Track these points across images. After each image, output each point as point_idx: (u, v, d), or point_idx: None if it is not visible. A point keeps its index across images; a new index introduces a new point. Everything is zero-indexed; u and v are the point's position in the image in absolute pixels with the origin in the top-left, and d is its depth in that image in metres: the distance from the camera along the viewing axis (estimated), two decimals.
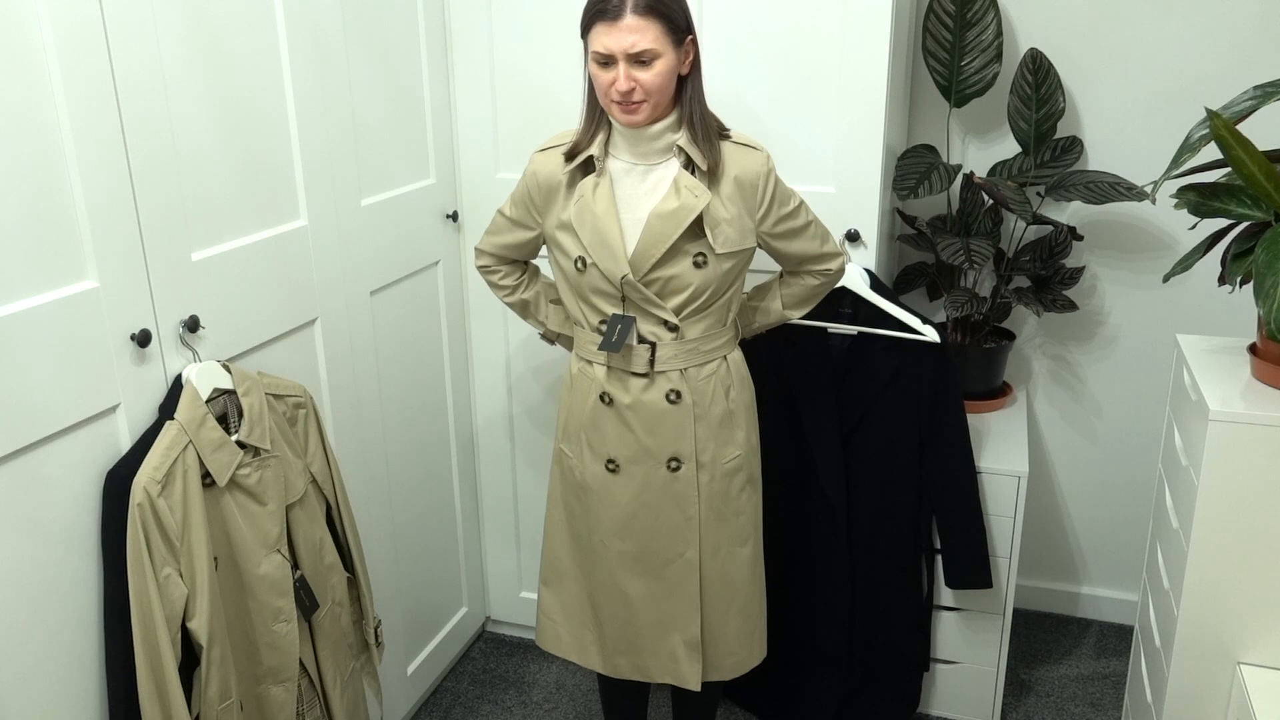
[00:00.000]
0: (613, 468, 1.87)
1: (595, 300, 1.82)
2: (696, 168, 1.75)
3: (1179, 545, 1.79)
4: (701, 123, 1.74)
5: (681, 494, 1.86)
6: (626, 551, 1.90)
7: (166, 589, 1.51)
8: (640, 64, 1.65)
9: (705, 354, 1.84)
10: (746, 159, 1.77)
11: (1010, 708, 2.59)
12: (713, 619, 1.94)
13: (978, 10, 2.39)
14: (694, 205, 1.72)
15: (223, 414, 1.65)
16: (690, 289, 1.77)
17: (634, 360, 1.81)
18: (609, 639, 1.97)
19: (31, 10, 1.35)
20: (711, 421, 1.86)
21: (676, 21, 1.66)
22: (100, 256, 1.48)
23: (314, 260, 1.96)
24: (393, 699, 2.42)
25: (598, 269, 1.77)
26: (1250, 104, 1.68)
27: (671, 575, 1.90)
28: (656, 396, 1.82)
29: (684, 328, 1.80)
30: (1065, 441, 2.84)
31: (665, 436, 1.84)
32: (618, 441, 1.86)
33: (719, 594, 1.93)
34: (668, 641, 1.93)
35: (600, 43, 1.65)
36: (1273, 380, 1.70)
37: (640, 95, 1.67)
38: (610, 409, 1.85)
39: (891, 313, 2.20)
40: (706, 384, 1.84)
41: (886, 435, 2.26)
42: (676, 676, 1.94)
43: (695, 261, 1.75)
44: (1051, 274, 2.53)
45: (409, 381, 2.36)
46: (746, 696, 2.54)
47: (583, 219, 1.77)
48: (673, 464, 1.85)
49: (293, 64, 1.85)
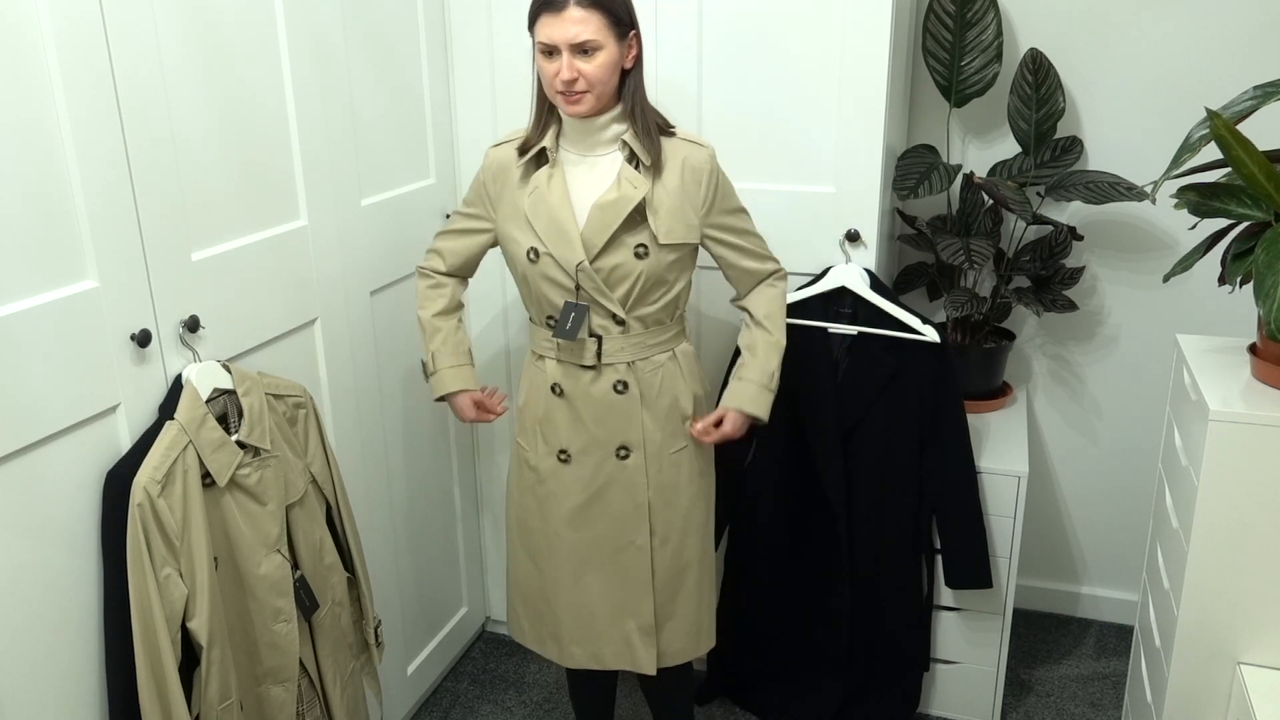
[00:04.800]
0: (564, 458, 1.93)
1: (547, 291, 1.86)
2: (640, 161, 1.80)
3: (1179, 545, 1.79)
4: (643, 116, 1.81)
5: (631, 482, 1.92)
6: (580, 540, 1.96)
7: (166, 589, 1.51)
8: (583, 54, 1.72)
9: (651, 347, 1.89)
10: (691, 153, 1.84)
11: (1010, 708, 2.59)
12: (662, 605, 1.99)
13: (978, 10, 2.39)
14: (632, 196, 1.79)
15: (223, 414, 1.65)
16: (632, 279, 1.82)
17: (582, 353, 1.88)
18: (565, 629, 2.02)
19: (31, 10, 1.35)
20: (659, 412, 1.91)
21: (619, 15, 1.74)
22: (100, 256, 1.48)
23: (314, 260, 1.96)
24: (393, 699, 2.42)
25: (551, 258, 1.83)
26: (1250, 104, 1.68)
27: (624, 562, 1.95)
28: (604, 388, 1.88)
29: (630, 322, 1.86)
30: (1065, 441, 2.84)
31: (613, 426, 1.90)
32: (569, 432, 1.92)
33: (667, 583, 1.99)
34: (623, 628, 1.99)
35: (545, 33, 1.72)
36: (1273, 380, 1.70)
37: (583, 86, 1.74)
38: (562, 400, 1.91)
39: (891, 313, 2.20)
40: (654, 375, 1.90)
41: (886, 435, 2.26)
42: (632, 662, 2.00)
43: (636, 252, 1.81)
44: (1051, 274, 2.53)
45: (409, 381, 2.36)
46: (746, 696, 2.54)
47: (537, 209, 1.83)
48: (621, 452, 1.91)
49: (293, 64, 1.85)
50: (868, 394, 2.24)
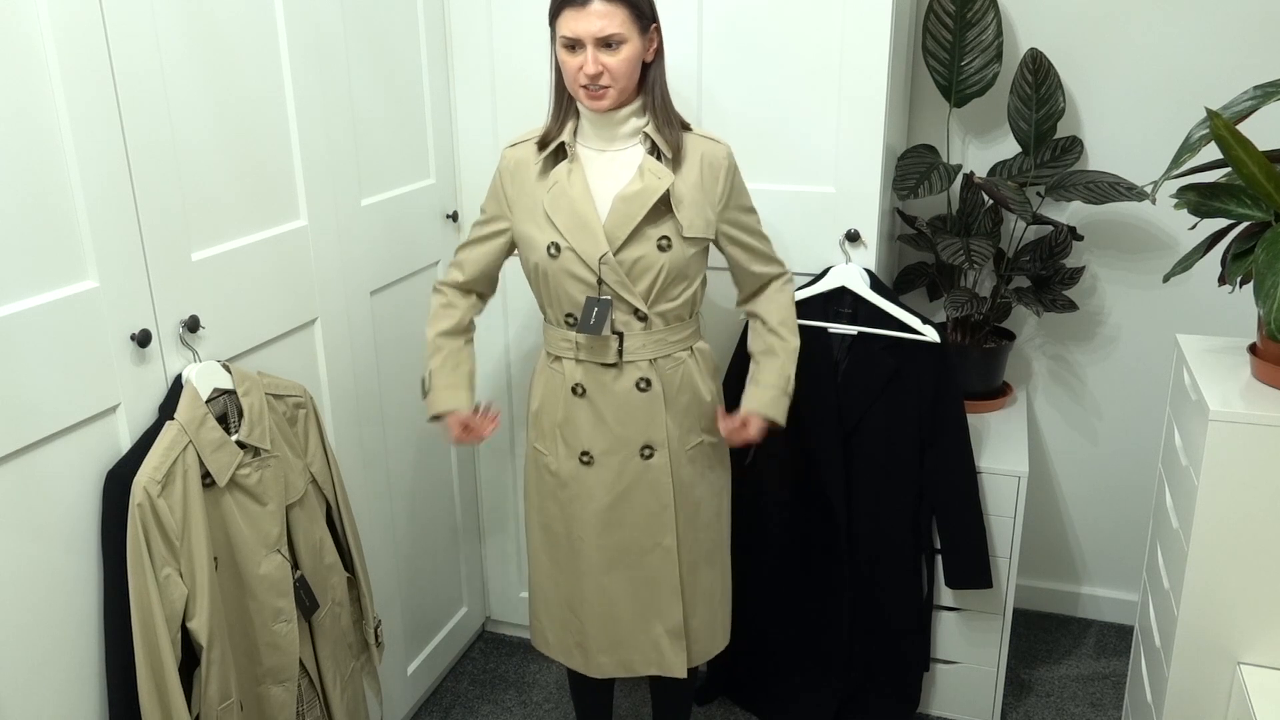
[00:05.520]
0: (587, 460, 1.91)
1: (568, 287, 1.84)
2: (661, 153, 1.81)
3: (1179, 545, 1.79)
4: (664, 109, 1.81)
5: (656, 481, 1.91)
6: (605, 545, 1.93)
7: (166, 589, 1.51)
8: (607, 48, 1.71)
9: (672, 344, 1.89)
10: (709, 148, 1.85)
11: (1010, 708, 2.59)
12: (686, 604, 1.98)
13: (978, 10, 2.39)
14: (657, 187, 1.78)
15: (223, 414, 1.65)
16: (654, 271, 1.81)
17: (604, 351, 1.86)
18: (591, 638, 1.99)
19: (31, 9, 1.35)
20: (677, 409, 1.91)
21: (641, 8, 1.73)
22: (100, 256, 1.48)
23: (314, 260, 1.96)
24: (393, 699, 2.42)
25: (573, 252, 1.81)
26: (1250, 104, 1.68)
27: (651, 564, 1.94)
28: (627, 386, 1.87)
29: (652, 317, 1.85)
30: (1065, 441, 2.84)
31: (637, 425, 1.88)
32: (591, 433, 1.90)
33: (688, 581, 1.98)
34: (650, 632, 1.97)
35: (568, 27, 1.71)
36: (1273, 380, 1.70)
37: (607, 80, 1.73)
38: (583, 400, 1.89)
39: (891, 313, 2.20)
40: (674, 373, 1.90)
41: (886, 435, 2.26)
42: (661, 666, 1.98)
43: (659, 244, 1.80)
44: (1051, 274, 2.53)
45: (409, 381, 2.36)
46: (747, 696, 2.54)
47: (558, 203, 1.82)
48: (645, 452, 1.89)
49: (293, 64, 1.85)
50: (868, 394, 2.24)
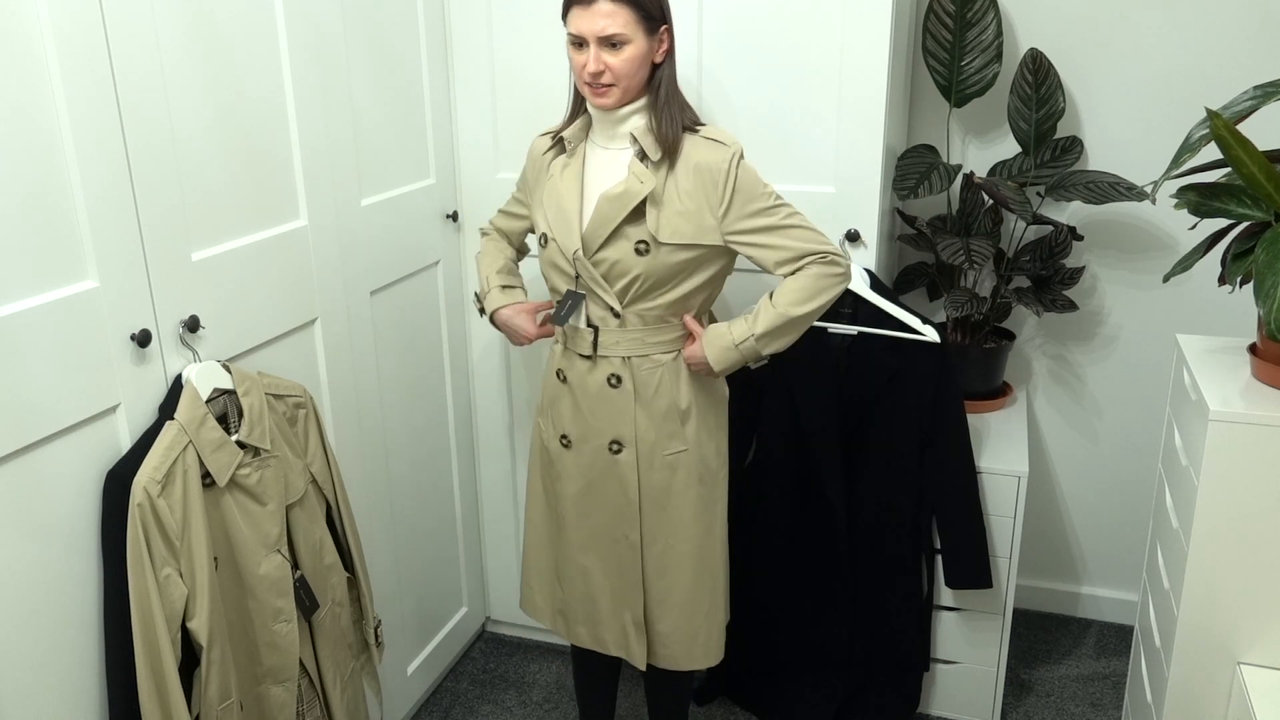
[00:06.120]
0: (565, 443, 1.96)
1: (554, 277, 1.91)
2: (649, 157, 1.80)
3: (1179, 545, 1.79)
4: (665, 111, 1.78)
5: (623, 477, 1.93)
6: (581, 527, 1.98)
7: (166, 589, 1.51)
8: (611, 47, 1.72)
9: (651, 345, 1.88)
10: (709, 153, 1.78)
11: (1010, 708, 2.59)
12: (650, 607, 1.99)
13: (978, 10, 2.39)
14: (638, 191, 1.78)
15: (223, 414, 1.65)
16: (631, 275, 1.81)
17: (581, 342, 1.90)
18: (570, 608, 2.05)
19: (31, 9, 1.35)
20: (655, 412, 1.90)
21: (649, 9, 1.73)
22: (100, 256, 1.48)
23: (314, 260, 1.96)
24: (393, 699, 2.42)
25: (556, 244, 1.86)
26: (1250, 104, 1.68)
27: (619, 554, 1.97)
28: (599, 379, 1.90)
29: (627, 315, 1.85)
30: (1065, 441, 2.84)
31: (606, 418, 1.91)
32: (570, 418, 1.95)
33: (655, 584, 1.98)
34: (620, 618, 2.01)
35: (574, 25, 1.74)
36: (1273, 380, 1.70)
37: (609, 79, 1.74)
38: (565, 386, 1.95)
39: (891, 313, 2.20)
40: (652, 375, 1.89)
41: (886, 435, 2.26)
42: (627, 653, 2.02)
43: (637, 248, 1.80)
44: (1051, 274, 2.53)
45: (409, 381, 2.36)
46: (747, 696, 2.54)
47: (550, 196, 1.87)
48: (614, 446, 1.91)
49: (293, 64, 1.85)
50: (868, 394, 2.24)
